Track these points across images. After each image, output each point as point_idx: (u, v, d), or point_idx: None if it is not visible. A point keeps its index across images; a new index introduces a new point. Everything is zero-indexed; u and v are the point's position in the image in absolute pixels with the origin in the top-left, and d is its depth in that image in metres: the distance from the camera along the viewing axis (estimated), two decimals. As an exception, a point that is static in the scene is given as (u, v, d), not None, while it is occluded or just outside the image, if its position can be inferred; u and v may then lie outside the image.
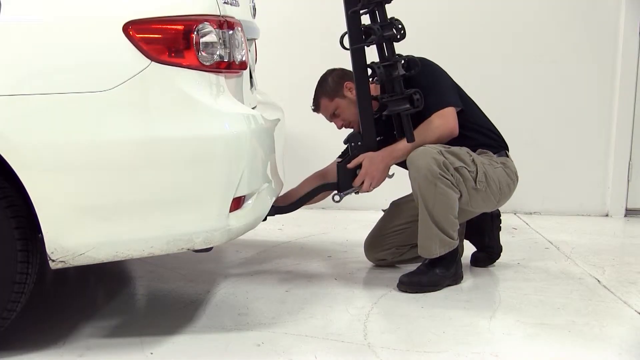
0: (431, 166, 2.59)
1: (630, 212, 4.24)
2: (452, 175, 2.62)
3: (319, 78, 2.94)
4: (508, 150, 2.91)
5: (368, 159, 2.75)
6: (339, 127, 2.96)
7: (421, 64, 2.74)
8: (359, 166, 2.76)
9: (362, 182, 2.76)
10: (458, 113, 2.77)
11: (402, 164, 2.77)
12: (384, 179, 2.78)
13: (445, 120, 2.71)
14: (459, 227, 2.72)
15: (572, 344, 2.22)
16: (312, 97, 2.95)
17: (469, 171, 2.66)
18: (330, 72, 2.92)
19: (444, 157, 2.62)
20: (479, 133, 2.83)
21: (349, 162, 2.78)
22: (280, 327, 2.33)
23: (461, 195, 2.66)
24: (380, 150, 2.76)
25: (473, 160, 2.69)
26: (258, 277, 2.91)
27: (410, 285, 2.68)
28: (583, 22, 4.12)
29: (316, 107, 2.96)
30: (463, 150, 2.70)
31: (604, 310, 2.54)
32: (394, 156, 2.75)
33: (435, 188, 2.59)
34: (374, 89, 2.82)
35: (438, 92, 2.74)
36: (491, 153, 2.82)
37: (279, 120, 2.59)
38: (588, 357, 2.14)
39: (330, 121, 2.96)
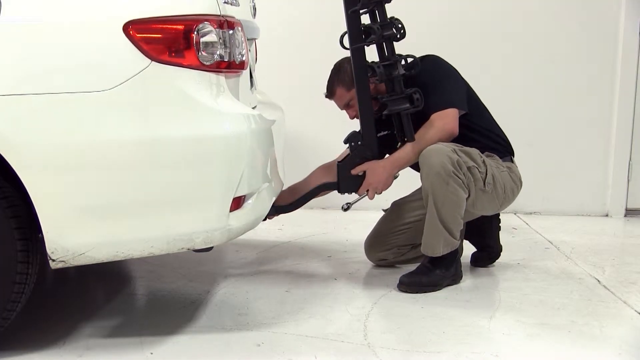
0: (445, 164, 2.58)
1: (630, 212, 4.24)
2: (464, 174, 2.62)
3: (334, 64, 2.88)
4: (514, 156, 2.92)
5: (370, 170, 2.74)
6: (351, 118, 2.92)
7: (431, 63, 2.74)
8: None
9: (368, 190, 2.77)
10: (465, 115, 2.76)
11: (412, 165, 2.76)
12: (388, 187, 2.77)
13: (444, 122, 2.70)
14: (462, 227, 2.72)
15: (572, 344, 2.23)
16: (327, 82, 2.88)
17: (479, 172, 2.67)
18: (348, 61, 2.80)
19: (458, 155, 2.62)
20: (485, 137, 2.83)
21: (348, 165, 2.77)
22: (281, 327, 2.33)
23: (469, 196, 2.66)
24: (382, 160, 2.75)
25: (484, 162, 2.70)
26: (258, 277, 2.91)
27: (411, 285, 2.68)
28: (583, 22, 4.12)
29: (330, 94, 2.89)
30: (475, 151, 2.70)
31: (604, 310, 2.54)
32: (396, 165, 2.74)
33: (447, 186, 2.59)
34: (380, 88, 2.80)
35: (441, 92, 2.73)
36: (497, 157, 2.82)
37: (278, 120, 2.58)
38: (588, 357, 2.14)
39: (342, 109, 2.93)
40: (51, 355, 2.10)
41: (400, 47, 2.75)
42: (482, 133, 2.82)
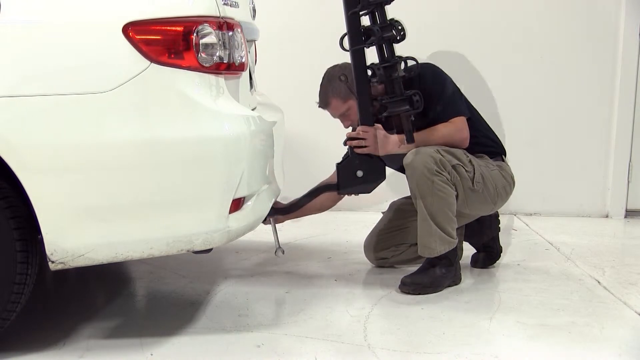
0: (428, 163, 2.60)
1: (630, 213, 4.23)
2: (449, 173, 2.63)
3: (324, 73, 2.84)
4: (505, 155, 2.93)
5: (374, 129, 2.70)
6: (346, 127, 2.92)
7: (430, 71, 2.75)
8: (359, 166, 2.75)
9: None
10: None
11: (402, 169, 2.76)
12: (373, 152, 2.71)
13: (458, 129, 2.71)
14: (457, 225, 2.72)
15: (572, 345, 2.22)
16: (319, 92, 2.84)
17: (466, 170, 2.67)
18: (341, 70, 2.79)
19: (441, 155, 2.63)
20: (473, 137, 2.79)
21: (347, 165, 2.77)
22: (281, 328, 2.33)
23: (457, 195, 2.67)
24: (391, 135, 2.72)
25: (470, 161, 2.70)
26: (258, 278, 2.91)
27: (412, 285, 2.68)
28: (583, 22, 4.11)
29: (324, 105, 2.85)
30: (459, 151, 2.71)
31: (604, 311, 2.54)
32: (396, 147, 2.70)
33: (432, 185, 2.60)
34: (381, 90, 2.79)
35: (449, 101, 2.74)
36: (487, 157, 2.83)
37: (278, 121, 2.58)
38: (588, 358, 2.14)
39: (336, 117, 2.90)
40: (51, 356, 2.10)
41: (400, 49, 2.75)
42: (473, 135, 2.79)
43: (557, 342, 2.24)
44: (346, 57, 2.75)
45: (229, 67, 2.08)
